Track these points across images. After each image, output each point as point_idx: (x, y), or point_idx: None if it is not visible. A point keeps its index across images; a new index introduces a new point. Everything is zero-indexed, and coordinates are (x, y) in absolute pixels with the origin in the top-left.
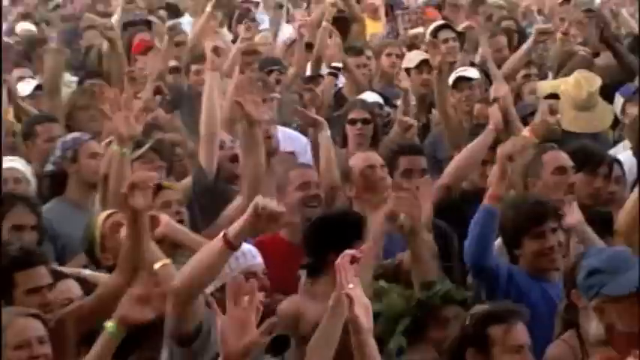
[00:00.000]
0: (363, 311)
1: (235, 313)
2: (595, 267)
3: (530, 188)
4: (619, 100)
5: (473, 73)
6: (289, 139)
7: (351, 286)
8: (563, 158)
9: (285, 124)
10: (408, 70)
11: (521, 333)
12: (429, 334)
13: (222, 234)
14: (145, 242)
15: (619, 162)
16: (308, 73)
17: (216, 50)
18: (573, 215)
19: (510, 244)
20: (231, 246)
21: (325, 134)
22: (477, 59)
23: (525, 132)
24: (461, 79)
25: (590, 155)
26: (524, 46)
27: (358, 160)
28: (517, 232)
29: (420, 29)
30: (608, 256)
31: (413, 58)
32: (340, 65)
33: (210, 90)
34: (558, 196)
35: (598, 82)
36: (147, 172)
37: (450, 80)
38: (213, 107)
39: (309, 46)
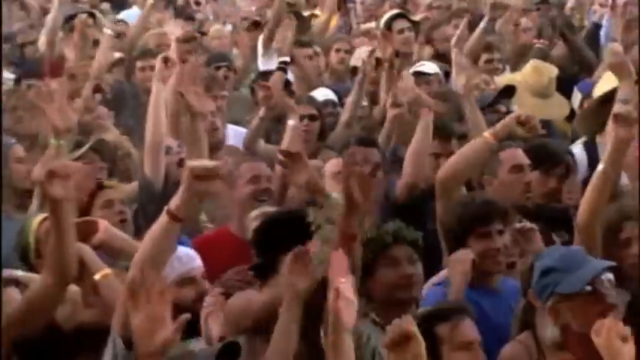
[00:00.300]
0: (347, 307)
1: (148, 309)
2: (549, 266)
3: (487, 186)
4: (577, 95)
5: (430, 67)
6: (240, 136)
7: (343, 280)
8: (521, 156)
9: (235, 123)
10: (355, 68)
11: (468, 329)
12: (378, 274)
13: (165, 209)
14: (68, 236)
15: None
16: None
17: (166, 61)
18: None
19: (454, 245)
20: (176, 218)
21: (291, 123)
22: None
23: (486, 134)
24: (418, 75)
25: (550, 154)
26: (481, 25)
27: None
28: (463, 232)
29: (372, 24)
30: (561, 254)
31: (358, 56)
32: (288, 59)
33: (156, 100)
34: (514, 194)
35: (555, 70)
36: (67, 161)
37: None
38: (158, 117)
39: (256, 25)
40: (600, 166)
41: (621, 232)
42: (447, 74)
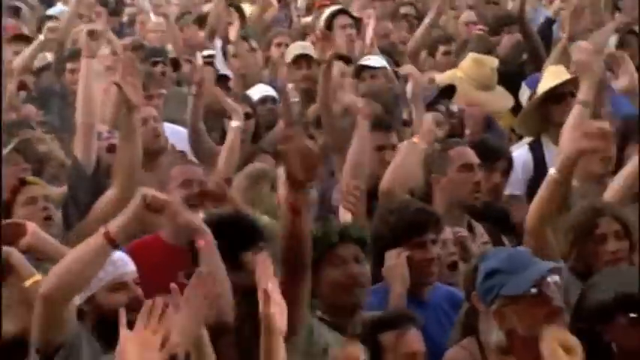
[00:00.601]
0: (278, 311)
1: (142, 332)
2: (493, 268)
3: (434, 185)
4: (525, 90)
5: (376, 61)
6: (176, 135)
7: (270, 284)
8: (470, 155)
9: (172, 121)
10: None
11: (414, 339)
12: (324, 273)
13: (102, 230)
14: None
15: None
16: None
17: (92, 34)
18: None
19: (382, 255)
20: (113, 242)
21: (235, 124)
22: None
23: (415, 138)
24: (364, 68)
25: (491, 150)
26: (426, 19)
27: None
28: (395, 241)
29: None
30: (506, 255)
31: (289, 51)
32: (213, 52)
33: (86, 78)
34: (463, 193)
35: (495, 61)
36: None
37: (353, 69)
38: (90, 96)
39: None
40: (552, 172)
41: (596, 229)
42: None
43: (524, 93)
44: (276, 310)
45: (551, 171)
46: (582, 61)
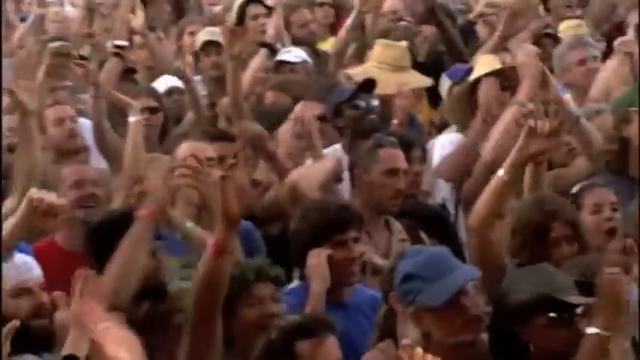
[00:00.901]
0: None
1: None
2: (412, 272)
3: (356, 180)
4: (445, 81)
5: (296, 55)
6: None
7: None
8: (399, 159)
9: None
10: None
11: (332, 348)
12: (240, 311)
13: None
14: None
15: None
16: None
17: None
18: None
19: (302, 254)
20: (5, 249)
21: (132, 119)
22: None
23: None
24: (282, 63)
25: (403, 140)
26: (349, 20)
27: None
28: (316, 240)
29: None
30: (425, 259)
31: (198, 38)
32: (125, 43)
33: None
34: (382, 198)
35: (403, 43)
36: None
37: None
38: None
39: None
40: (501, 172)
41: (550, 233)
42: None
43: (445, 84)
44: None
45: (500, 172)
46: (525, 63)
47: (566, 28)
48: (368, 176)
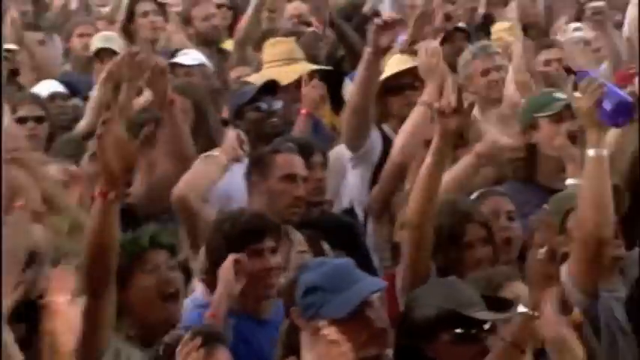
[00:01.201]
0: (67, 329)
1: None
2: (314, 284)
3: (252, 188)
4: (348, 85)
5: (192, 58)
6: None
7: (62, 298)
8: (297, 165)
9: None
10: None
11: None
12: (134, 282)
13: None
14: None
15: None
16: None
17: None
18: None
19: (217, 266)
20: None
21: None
22: None
23: (216, 151)
24: (176, 66)
25: (302, 146)
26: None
27: None
28: (230, 250)
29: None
30: (328, 270)
31: (92, 43)
32: (14, 47)
33: None
34: (280, 206)
35: (292, 39)
36: None
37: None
38: None
39: None
40: (427, 161)
41: (464, 236)
42: None
43: (348, 88)
44: (64, 327)
45: (427, 159)
46: (426, 63)
47: (498, 30)
48: (265, 183)
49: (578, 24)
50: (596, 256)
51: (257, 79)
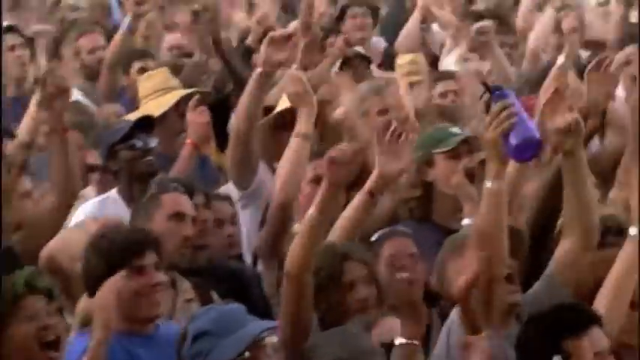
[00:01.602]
0: None
1: None
2: (201, 330)
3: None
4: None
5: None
6: None
7: None
8: (184, 203)
9: None
10: None
11: None
12: (10, 331)
13: None
14: None
15: None
16: None
17: None
18: None
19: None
20: None
21: None
22: None
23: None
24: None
25: (183, 186)
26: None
27: None
28: (110, 270)
29: None
30: (217, 315)
31: None
32: None
33: None
34: (169, 247)
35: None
36: None
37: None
38: None
39: None
40: (311, 211)
41: (343, 275)
42: None
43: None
44: None
45: (310, 210)
46: (296, 93)
47: (402, 63)
48: (150, 225)
49: (468, 54)
50: (486, 294)
51: (132, 115)
